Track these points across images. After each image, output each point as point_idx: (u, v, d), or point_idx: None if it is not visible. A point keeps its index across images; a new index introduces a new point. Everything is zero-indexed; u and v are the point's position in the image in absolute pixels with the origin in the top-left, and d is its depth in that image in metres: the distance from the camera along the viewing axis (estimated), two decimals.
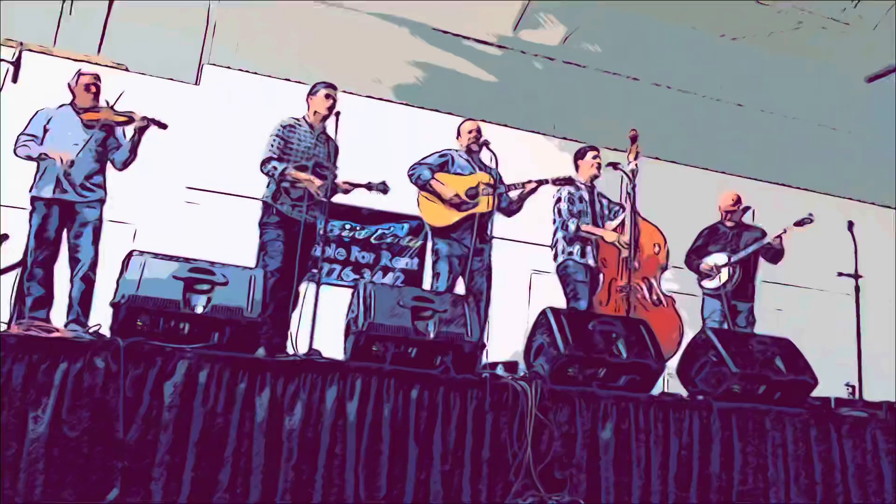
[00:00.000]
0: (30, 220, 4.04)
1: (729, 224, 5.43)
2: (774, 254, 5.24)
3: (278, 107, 4.44)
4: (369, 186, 4.11)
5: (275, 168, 4.06)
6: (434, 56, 7.15)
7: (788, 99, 7.83)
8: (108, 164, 4.28)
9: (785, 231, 5.11)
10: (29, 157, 4.07)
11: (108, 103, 4.20)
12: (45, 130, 4.11)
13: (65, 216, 4.05)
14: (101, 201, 4.20)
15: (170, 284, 2.98)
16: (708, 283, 5.36)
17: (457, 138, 4.69)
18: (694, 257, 5.45)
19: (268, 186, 4.18)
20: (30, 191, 4.07)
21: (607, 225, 4.79)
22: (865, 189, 8.18)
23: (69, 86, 4.26)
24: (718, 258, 5.30)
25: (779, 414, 3.58)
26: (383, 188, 4.12)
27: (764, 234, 5.27)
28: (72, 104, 4.24)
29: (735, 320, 5.21)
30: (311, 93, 4.31)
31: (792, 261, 5.18)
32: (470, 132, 4.61)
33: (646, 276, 4.74)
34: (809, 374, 3.73)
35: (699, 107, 7.76)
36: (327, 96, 4.23)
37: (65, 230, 4.08)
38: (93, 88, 4.23)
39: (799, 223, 5.06)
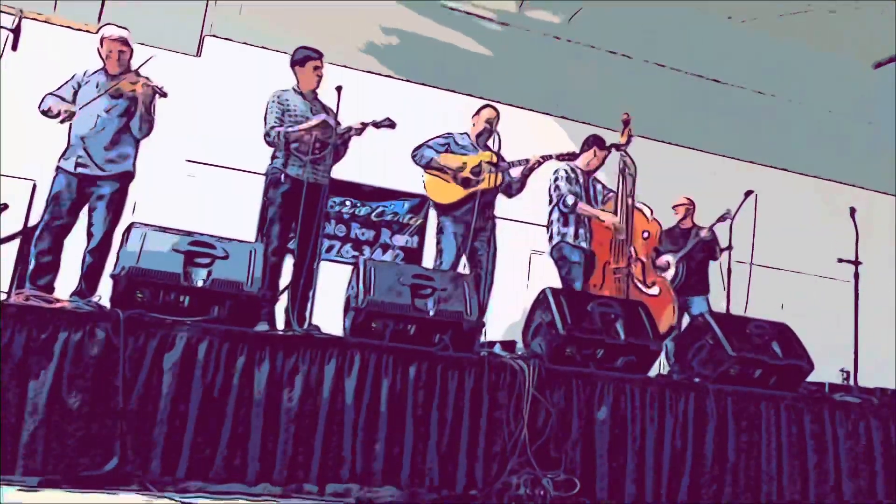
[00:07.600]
0: (51, 187, 3.93)
1: (681, 224, 5.73)
2: (706, 251, 5.53)
3: (279, 80, 4.37)
4: (375, 124, 4.07)
5: (278, 134, 4.04)
6: (438, 32, 7.07)
7: (794, 83, 7.75)
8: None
9: (710, 229, 5.46)
10: (44, 113, 3.90)
11: (132, 69, 3.97)
12: (76, 93, 3.95)
13: (83, 189, 3.89)
14: (125, 175, 3.96)
15: (170, 257, 2.99)
16: None
17: (472, 119, 4.66)
18: (652, 254, 5.56)
19: (274, 161, 4.14)
20: (58, 161, 3.94)
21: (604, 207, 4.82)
22: (869, 176, 8.14)
23: (97, 50, 4.03)
24: (668, 257, 5.47)
25: (774, 398, 3.61)
26: (389, 123, 4.07)
27: (705, 232, 5.50)
28: (104, 69, 4.03)
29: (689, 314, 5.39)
30: (297, 62, 4.24)
31: (792, 246, 5.17)
32: (485, 118, 4.58)
33: (639, 258, 4.77)
34: (806, 360, 3.74)
35: (704, 90, 7.69)
36: (315, 68, 4.19)
37: (87, 205, 3.92)
38: (113, 55, 3.96)
39: (720, 219, 5.42)
